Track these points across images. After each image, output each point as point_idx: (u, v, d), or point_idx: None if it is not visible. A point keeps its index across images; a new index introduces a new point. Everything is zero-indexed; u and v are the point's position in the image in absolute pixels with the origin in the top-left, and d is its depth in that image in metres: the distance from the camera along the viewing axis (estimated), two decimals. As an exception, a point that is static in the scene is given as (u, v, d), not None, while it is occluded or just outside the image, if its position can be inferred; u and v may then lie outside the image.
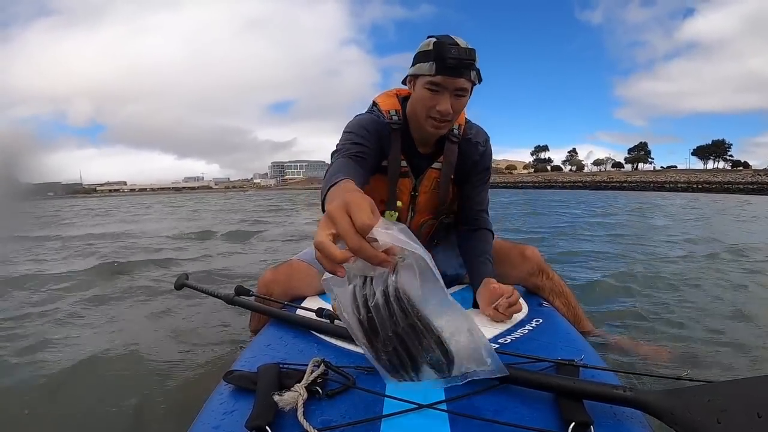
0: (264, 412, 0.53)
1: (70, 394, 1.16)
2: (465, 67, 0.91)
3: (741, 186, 25.24)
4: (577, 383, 0.57)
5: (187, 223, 7.48)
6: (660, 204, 11.51)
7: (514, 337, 0.83)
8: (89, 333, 1.65)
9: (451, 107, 0.93)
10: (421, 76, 0.94)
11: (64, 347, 1.49)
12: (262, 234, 5.34)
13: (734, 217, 7.13)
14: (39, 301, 2.14)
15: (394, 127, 1.04)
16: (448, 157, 1.07)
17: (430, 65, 0.91)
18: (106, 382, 1.23)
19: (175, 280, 1.25)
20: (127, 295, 2.24)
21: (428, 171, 1.09)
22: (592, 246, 3.75)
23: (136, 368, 1.31)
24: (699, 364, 1.27)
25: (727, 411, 0.46)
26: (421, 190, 1.09)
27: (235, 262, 3.26)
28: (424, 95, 0.94)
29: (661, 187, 30.00)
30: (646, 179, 38.07)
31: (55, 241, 4.89)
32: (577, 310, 1.19)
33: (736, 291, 2.14)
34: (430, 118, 0.96)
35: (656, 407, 0.51)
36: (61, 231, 6.19)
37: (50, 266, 3.23)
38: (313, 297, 1.13)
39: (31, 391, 1.18)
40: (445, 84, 0.92)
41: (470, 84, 0.95)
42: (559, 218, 7.12)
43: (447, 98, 0.93)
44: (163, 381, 1.22)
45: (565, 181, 44.61)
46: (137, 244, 4.47)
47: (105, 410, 1.07)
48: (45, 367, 1.33)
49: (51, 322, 1.79)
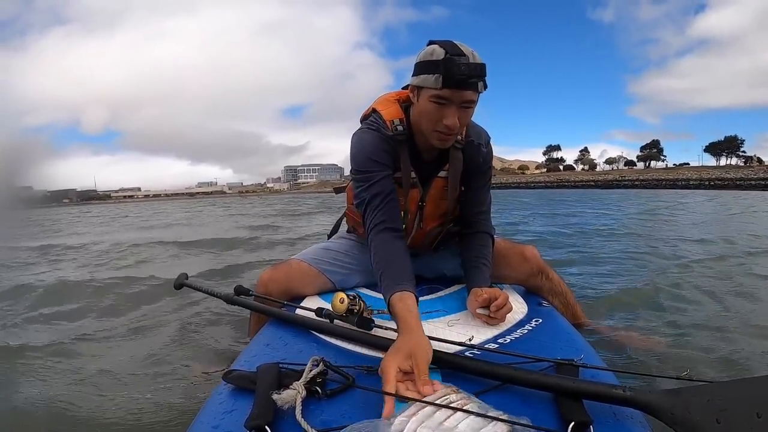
0: (263, 411, 0.53)
1: (70, 394, 1.16)
2: (474, 80, 0.86)
3: (753, 182, 24.49)
4: (577, 383, 0.57)
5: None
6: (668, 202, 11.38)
7: (514, 337, 0.83)
8: (88, 333, 1.65)
9: (458, 120, 0.88)
10: (426, 89, 0.88)
11: (64, 347, 1.49)
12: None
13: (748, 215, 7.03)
14: (34, 305, 2.14)
15: (399, 138, 0.99)
16: (453, 165, 1.04)
17: (436, 78, 0.85)
18: (106, 381, 1.23)
19: (175, 279, 1.25)
20: (126, 295, 2.24)
21: (435, 180, 1.05)
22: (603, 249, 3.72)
23: (135, 368, 1.31)
24: (698, 364, 1.27)
25: (727, 411, 0.46)
26: (428, 200, 1.06)
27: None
28: (429, 109, 0.89)
29: (673, 185, 29.34)
30: (658, 177, 37.67)
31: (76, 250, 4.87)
32: (575, 309, 1.18)
33: (736, 290, 2.14)
34: (436, 131, 0.91)
35: (656, 407, 0.51)
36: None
37: (51, 270, 3.23)
38: (313, 297, 1.13)
39: (30, 390, 1.18)
40: (452, 98, 0.86)
41: (477, 95, 0.89)
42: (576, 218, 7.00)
43: (454, 111, 0.87)
44: (163, 380, 1.22)
45: (576, 180, 44.41)
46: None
47: (105, 409, 1.07)
48: (44, 367, 1.33)
49: (50, 321, 1.79)
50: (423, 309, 1.00)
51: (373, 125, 1.00)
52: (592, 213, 7.93)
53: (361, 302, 0.84)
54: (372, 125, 1.00)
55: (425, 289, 1.20)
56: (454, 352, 0.71)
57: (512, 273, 1.14)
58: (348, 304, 0.82)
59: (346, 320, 0.83)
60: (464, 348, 0.74)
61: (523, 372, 0.60)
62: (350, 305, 0.82)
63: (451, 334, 0.80)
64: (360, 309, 0.83)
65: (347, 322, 0.83)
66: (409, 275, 0.85)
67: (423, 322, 0.91)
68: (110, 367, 1.32)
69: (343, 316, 0.83)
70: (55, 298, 2.19)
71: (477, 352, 0.73)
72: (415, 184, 1.04)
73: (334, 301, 0.83)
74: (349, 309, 0.82)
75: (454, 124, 0.88)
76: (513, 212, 7.06)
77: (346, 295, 0.83)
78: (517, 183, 48.79)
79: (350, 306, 0.82)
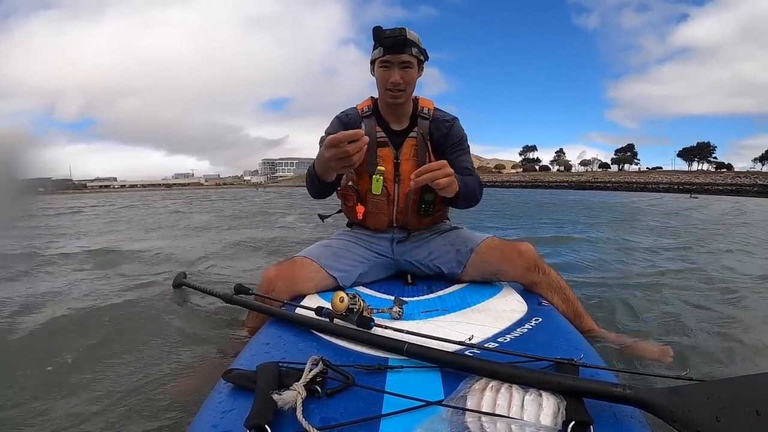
0: (263, 410, 0.53)
1: (69, 393, 1.16)
2: (403, 44, 1.13)
3: (720, 187, 25.68)
4: (577, 381, 0.57)
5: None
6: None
7: (514, 336, 0.83)
8: (87, 333, 1.64)
9: (400, 78, 1.15)
10: (376, 60, 1.18)
11: (63, 347, 1.48)
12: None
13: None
14: (30, 303, 2.14)
15: (365, 114, 1.26)
16: (421, 128, 1.26)
17: (378, 50, 1.16)
18: (105, 380, 1.23)
19: (173, 279, 1.24)
20: (125, 295, 2.23)
21: (406, 140, 1.25)
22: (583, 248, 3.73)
23: (134, 368, 1.31)
24: (698, 363, 1.27)
25: (727, 409, 0.46)
26: (402, 158, 1.24)
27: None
28: (379, 73, 1.19)
29: (644, 188, 30.55)
30: (630, 180, 38.91)
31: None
32: (576, 305, 1.18)
33: (735, 290, 2.14)
34: (387, 90, 1.18)
35: (656, 405, 0.51)
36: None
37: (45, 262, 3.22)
38: (313, 295, 1.13)
39: (28, 389, 1.17)
40: (391, 60, 1.15)
41: (414, 59, 1.16)
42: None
43: (396, 71, 1.16)
44: (162, 380, 1.22)
45: (550, 180, 45.05)
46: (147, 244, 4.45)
47: (104, 409, 1.07)
48: (42, 366, 1.33)
49: (47, 321, 1.79)
50: (423, 308, 1.01)
51: (341, 113, 1.29)
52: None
53: (361, 301, 0.85)
54: (340, 113, 1.29)
55: (425, 289, 1.20)
56: (454, 351, 0.71)
57: (508, 269, 1.15)
58: (348, 303, 0.82)
59: (345, 319, 0.83)
60: (464, 347, 0.74)
61: (523, 371, 0.60)
62: (350, 304, 0.83)
63: (450, 333, 0.80)
64: (360, 308, 0.83)
65: (347, 321, 0.83)
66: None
67: (423, 322, 0.92)
68: (109, 367, 1.31)
69: (342, 315, 0.83)
70: (48, 297, 2.18)
71: (477, 351, 0.73)
72: (386, 144, 1.25)
73: (334, 300, 0.83)
74: (349, 308, 0.83)
75: (397, 81, 1.16)
76: (487, 223, 6.07)
77: (345, 294, 0.83)
78: (493, 182, 49.33)
79: (350, 305, 0.83)
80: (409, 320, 0.92)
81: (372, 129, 1.24)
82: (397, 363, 0.69)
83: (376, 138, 1.23)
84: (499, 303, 1.05)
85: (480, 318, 0.94)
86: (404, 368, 0.68)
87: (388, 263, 1.32)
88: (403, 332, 0.78)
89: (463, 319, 0.93)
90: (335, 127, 1.25)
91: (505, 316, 0.94)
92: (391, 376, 0.66)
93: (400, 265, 1.32)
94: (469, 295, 1.12)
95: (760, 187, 23.16)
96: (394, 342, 0.73)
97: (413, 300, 1.08)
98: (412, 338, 0.75)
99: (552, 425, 0.51)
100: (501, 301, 1.06)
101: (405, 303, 0.96)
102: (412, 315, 0.96)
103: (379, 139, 1.24)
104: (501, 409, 0.53)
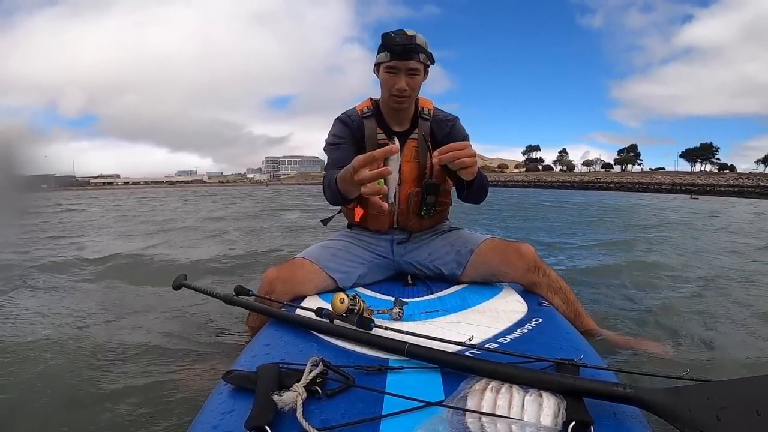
0: (263, 411, 0.53)
1: (69, 394, 1.16)
2: (412, 51, 1.11)
3: (722, 188, 25.62)
4: (578, 381, 0.57)
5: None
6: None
7: (514, 336, 0.83)
8: (86, 333, 1.64)
9: (406, 85, 1.14)
10: (381, 64, 1.16)
11: (63, 347, 1.48)
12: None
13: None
14: (30, 303, 2.14)
15: (365, 115, 1.25)
16: (422, 129, 1.25)
17: (385, 54, 1.13)
18: (105, 381, 1.23)
19: (173, 280, 1.24)
20: (125, 296, 2.23)
21: (407, 141, 1.24)
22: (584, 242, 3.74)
23: (135, 369, 1.31)
24: (699, 363, 1.27)
25: (727, 408, 0.46)
26: (403, 159, 1.21)
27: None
28: (385, 78, 1.16)
29: (646, 188, 30.50)
30: (632, 180, 38.68)
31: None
32: (576, 306, 1.18)
33: (736, 290, 2.14)
34: (392, 96, 1.17)
35: (657, 405, 0.51)
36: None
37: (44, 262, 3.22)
38: (313, 296, 1.13)
39: (27, 390, 1.17)
40: (398, 66, 1.13)
41: (421, 65, 1.14)
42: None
43: (402, 78, 1.14)
44: (163, 381, 1.22)
45: (553, 180, 45.01)
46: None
47: (105, 410, 1.07)
48: (42, 367, 1.32)
49: (46, 321, 1.79)
50: (423, 309, 1.01)
51: (342, 115, 1.28)
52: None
53: (361, 302, 0.85)
54: (341, 115, 1.28)
55: (425, 290, 1.20)
56: (454, 352, 0.71)
57: (509, 269, 1.15)
58: (348, 304, 0.82)
59: (346, 320, 0.83)
60: (464, 348, 0.74)
61: (524, 371, 0.60)
62: (350, 305, 0.83)
63: (450, 333, 0.80)
64: (360, 309, 0.83)
65: (347, 322, 0.83)
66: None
67: (423, 322, 0.92)
68: (109, 367, 1.31)
69: (343, 316, 0.83)
70: (50, 298, 2.18)
71: (477, 352, 0.73)
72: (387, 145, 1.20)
73: (334, 301, 0.83)
74: (349, 309, 0.83)
75: (403, 88, 1.14)
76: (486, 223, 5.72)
77: (346, 295, 0.83)
78: (496, 182, 49.06)
79: (350, 306, 0.83)
80: (409, 321, 0.92)
81: (372, 130, 1.24)
82: (398, 364, 0.69)
83: (377, 140, 1.23)
84: (499, 304, 1.05)
85: (480, 319, 0.94)
86: (404, 369, 0.68)
87: (388, 264, 1.32)
88: (403, 333, 0.78)
89: (464, 320, 0.93)
90: (339, 130, 1.25)
91: (505, 317, 0.94)
92: (392, 376, 0.66)
93: (400, 266, 1.32)
94: (470, 295, 1.12)
95: (761, 188, 23.15)
96: (394, 343, 0.73)
97: (413, 301, 1.08)
98: (412, 339, 0.75)
99: (552, 425, 0.51)
100: (501, 301, 1.06)
101: (405, 304, 0.96)
102: (413, 316, 0.96)
103: (380, 141, 1.23)
104: (501, 410, 0.53)
